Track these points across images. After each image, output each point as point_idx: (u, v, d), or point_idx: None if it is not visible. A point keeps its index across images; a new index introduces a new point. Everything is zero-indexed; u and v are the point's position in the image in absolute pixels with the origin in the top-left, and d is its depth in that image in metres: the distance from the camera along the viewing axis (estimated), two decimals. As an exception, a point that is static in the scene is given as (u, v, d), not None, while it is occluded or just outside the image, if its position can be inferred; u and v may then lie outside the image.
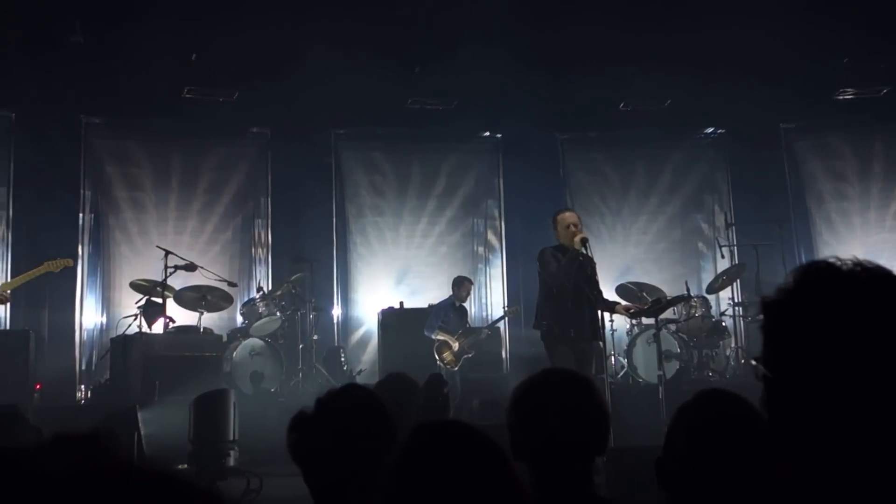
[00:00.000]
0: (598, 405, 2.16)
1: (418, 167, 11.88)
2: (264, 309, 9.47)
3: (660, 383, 6.94)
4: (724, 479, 1.73)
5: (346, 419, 2.16)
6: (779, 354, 1.10)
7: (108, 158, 11.05)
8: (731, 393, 1.96)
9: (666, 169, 12.03)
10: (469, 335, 10.09)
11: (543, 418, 2.09)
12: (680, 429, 1.88)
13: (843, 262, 1.13)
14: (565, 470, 2.06)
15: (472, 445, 1.49)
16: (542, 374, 2.28)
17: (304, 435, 2.20)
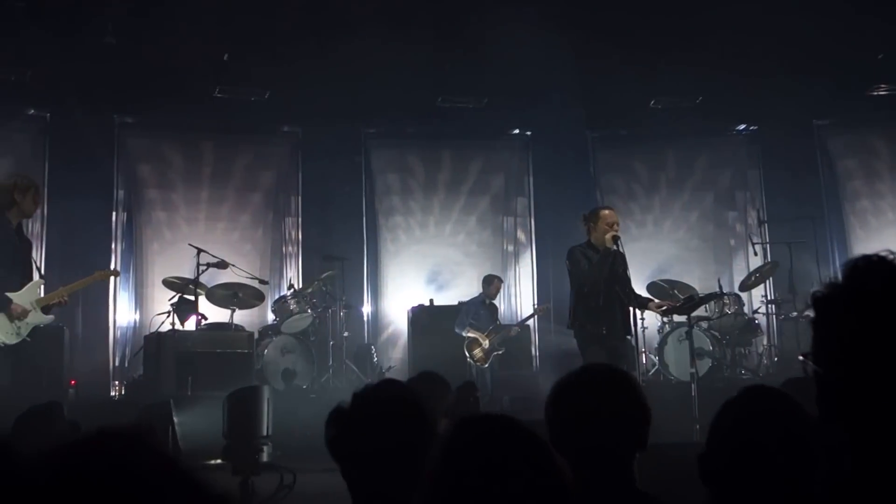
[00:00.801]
0: (639, 401, 2.15)
1: (448, 165, 11.89)
2: (295, 306, 9.52)
3: (692, 381, 6.89)
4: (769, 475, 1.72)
5: (384, 413, 2.16)
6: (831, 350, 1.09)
7: (141, 158, 11.18)
8: (777, 389, 1.94)
9: (697, 166, 11.93)
10: (499, 332, 10.09)
11: (584, 413, 2.08)
12: (725, 425, 1.86)
13: (895, 256, 1.12)
14: (606, 465, 2.05)
15: (517, 438, 1.48)
16: (583, 370, 2.28)
17: (342, 430, 2.21)
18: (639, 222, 11.71)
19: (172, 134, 11.28)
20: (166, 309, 9.13)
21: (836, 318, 1.11)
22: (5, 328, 6.25)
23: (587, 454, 2.02)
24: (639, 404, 2.14)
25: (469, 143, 12.01)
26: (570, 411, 2.11)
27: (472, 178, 11.91)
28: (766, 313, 10.37)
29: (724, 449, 1.81)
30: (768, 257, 10.63)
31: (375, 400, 2.20)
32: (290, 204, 11.56)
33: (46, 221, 10.51)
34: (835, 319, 1.11)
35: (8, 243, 6.40)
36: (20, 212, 6.52)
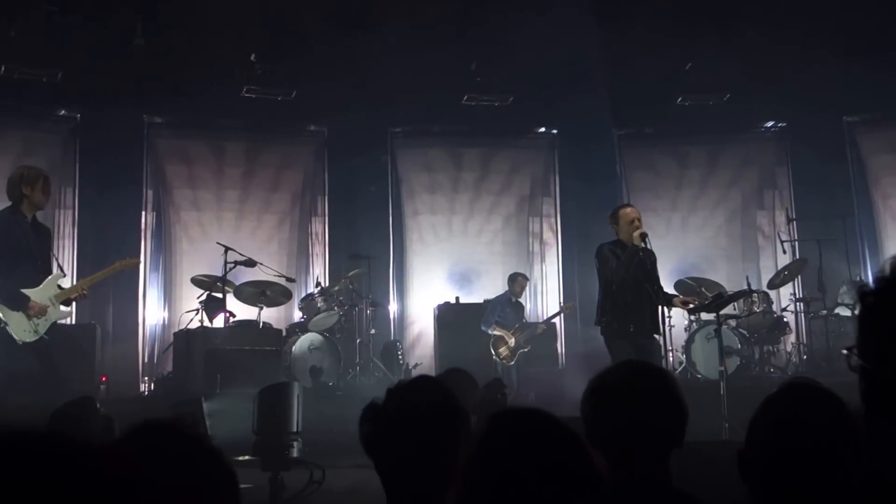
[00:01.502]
0: (675, 397, 2.14)
1: (474, 163, 11.90)
2: (322, 304, 9.57)
3: (721, 379, 6.85)
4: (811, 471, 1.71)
5: (419, 409, 2.18)
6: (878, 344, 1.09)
7: (170, 157, 11.29)
8: (818, 385, 1.92)
9: (725, 164, 11.85)
10: (525, 330, 10.08)
11: (621, 409, 2.08)
12: (765, 421, 1.85)
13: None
14: (642, 461, 2.05)
15: (552, 432, 1.49)
16: (619, 366, 2.28)
17: (376, 426, 2.22)
18: (666, 220, 11.65)
19: (200, 133, 11.39)
20: (195, 306, 9.23)
21: (883, 312, 1.11)
22: (23, 326, 6.12)
23: (624, 451, 2.02)
24: (675, 401, 2.14)
25: (495, 141, 12.01)
26: (606, 408, 2.11)
27: (498, 177, 11.91)
28: (794, 311, 10.28)
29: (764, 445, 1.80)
30: (797, 255, 10.54)
31: (410, 396, 2.21)
32: (316, 203, 11.63)
33: (78, 220, 10.65)
34: (882, 313, 1.11)
35: (23, 238, 6.27)
36: (31, 204, 6.31)
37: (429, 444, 2.12)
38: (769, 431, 1.81)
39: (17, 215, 6.26)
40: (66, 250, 10.50)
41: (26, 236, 6.28)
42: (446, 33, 9.92)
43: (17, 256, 6.20)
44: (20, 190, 6.27)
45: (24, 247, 6.25)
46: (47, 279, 6.36)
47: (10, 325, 6.04)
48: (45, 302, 6.22)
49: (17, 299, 6.07)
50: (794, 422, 1.79)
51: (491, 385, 4.63)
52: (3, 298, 6.06)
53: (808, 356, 9.78)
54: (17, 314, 6.08)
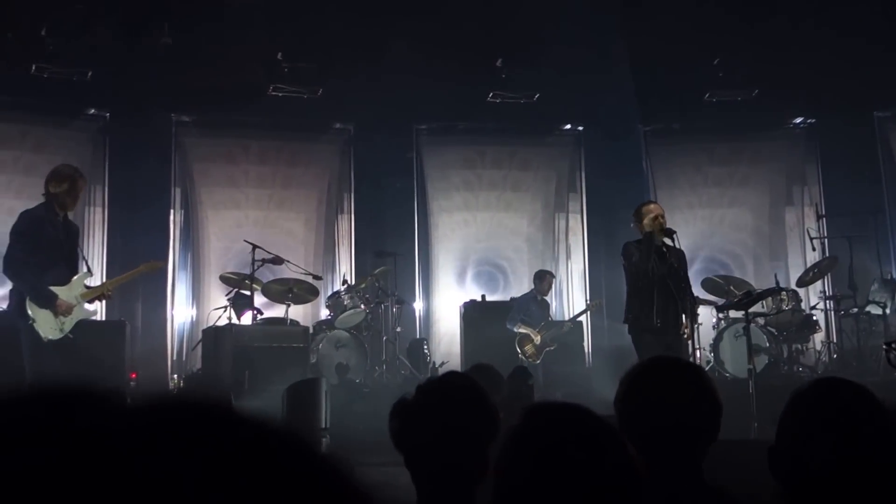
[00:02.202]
0: (710, 393, 2.13)
1: (499, 161, 11.88)
2: (349, 301, 9.61)
3: (750, 377, 6.81)
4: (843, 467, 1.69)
5: (448, 405, 2.18)
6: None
7: (197, 156, 11.38)
8: (850, 381, 1.90)
9: (753, 160, 11.74)
10: (551, 328, 10.05)
11: (655, 404, 2.08)
12: (796, 417, 1.83)
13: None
14: (676, 457, 2.05)
15: (587, 425, 1.49)
16: (653, 361, 2.26)
17: (406, 422, 2.23)
18: (693, 218, 11.56)
19: (228, 132, 11.47)
20: (223, 304, 9.30)
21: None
22: (50, 323, 6.16)
23: (654, 444, 2.01)
24: (710, 397, 2.12)
25: (520, 138, 11.98)
26: (640, 404, 2.10)
27: (524, 174, 11.89)
28: (824, 309, 10.17)
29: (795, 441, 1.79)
30: (826, 252, 10.43)
31: (440, 391, 2.22)
32: (342, 200, 11.67)
33: (107, 219, 10.77)
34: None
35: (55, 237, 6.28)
36: (58, 204, 6.29)
37: (459, 440, 2.13)
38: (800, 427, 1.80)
39: (50, 212, 6.31)
40: (96, 248, 10.63)
41: (58, 235, 6.33)
42: (472, 30, 9.92)
43: (49, 255, 6.25)
44: (48, 187, 6.31)
45: (55, 245, 6.30)
46: (75, 278, 6.40)
47: (38, 322, 6.10)
48: (71, 300, 6.26)
49: (46, 297, 6.13)
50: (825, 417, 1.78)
51: (515, 375, 4.59)
52: (32, 296, 6.12)
53: (838, 355, 9.68)
54: (44, 312, 6.13)
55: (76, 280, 6.39)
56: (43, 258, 6.21)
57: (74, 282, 6.37)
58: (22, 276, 6.16)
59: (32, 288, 6.13)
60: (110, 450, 0.46)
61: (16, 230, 6.23)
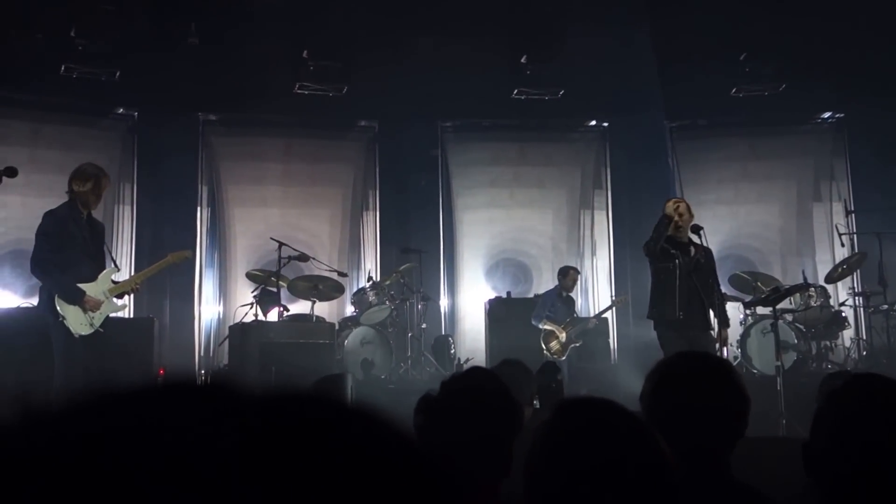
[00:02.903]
0: (738, 388, 2.12)
1: (524, 157, 11.86)
2: (374, 298, 9.65)
3: (778, 374, 6.75)
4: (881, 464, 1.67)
5: (472, 401, 2.19)
6: None
7: (224, 154, 11.47)
8: (886, 377, 1.88)
9: (780, 155, 11.62)
10: (576, 325, 10.02)
11: (683, 399, 2.07)
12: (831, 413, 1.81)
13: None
14: (704, 454, 2.04)
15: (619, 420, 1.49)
16: (681, 356, 2.26)
17: (430, 417, 2.24)
18: (719, 214, 11.45)
19: (254, 130, 11.55)
20: (250, 301, 9.38)
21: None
22: (80, 319, 6.25)
23: (685, 444, 2.01)
24: (738, 392, 2.11)
25: (545, 134, 11.96)
26: (667, 400, 2.09)
27: (549, 170, 11.87)
28: (853, 306, 10.06)
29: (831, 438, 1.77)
30: (855, 248, 10.31)
31: (463, 388, 2.23)
32: (367, 197, 11.72)
33: (136, 216, 10.89)
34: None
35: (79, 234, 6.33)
36: (81, 202, 6.34)
37: (483, 435, 2.14)
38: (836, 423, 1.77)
39: (74, 211, 6.38)
40: (125, 245, 10.76)
41: (82, 232, 6.41)
42: (496, 27, 9.91)
43: (74, 253, 6.33)
44: (72, 186, 6.38)
45: (80, 243, 6.38)
46: (102, 274, 6.48)
47: (68, 318, 6.19)
48: (99, 296, 6.34)
49: (74, 293, 6.22)
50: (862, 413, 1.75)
51: (544, 371, 4.59)
52: (60, 293, 6.22)
53: (867, 352, 9.57)
54: (73, 308, 6.22)
55: (103, 276, 6.47)
56: (68, 256, 6.29)
57: (101, 278, 6.45)
58: (49, 275, 6.26)
59: (60, 285, 6.22)
60: None
61: (41, 231, 6.33)
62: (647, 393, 2.16)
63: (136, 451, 0.46)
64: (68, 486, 0.44)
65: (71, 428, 0.48)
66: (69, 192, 6.38)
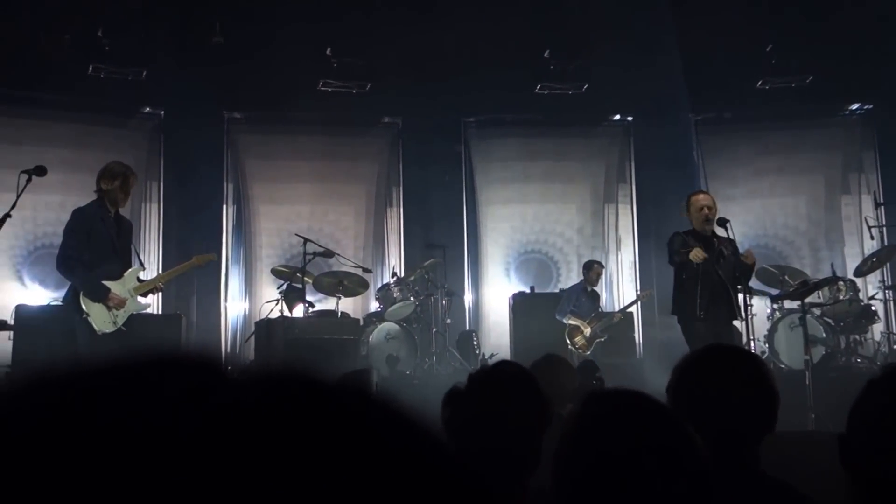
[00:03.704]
0: (767, 382, 2.10)
1: (548, 152, 11.83)
2: (398, 294, 9.68)
3: (806, 368, 6.69)
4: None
5: (500, 394, 2.19)
6: None
7: (249, 152, 11.55)
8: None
9: (808, 148, 11.50)
10: (601, 319, 9.99)
11: (711, 394, 2.06)
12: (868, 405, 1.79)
13: None
14: (732, 448, 2.03)
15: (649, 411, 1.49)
16: (709, 349, 2.24)
17: (457, 410, 2.24)
18: (746, 208, 11.36)
19: (278, 128, 11.62)
20: (275, 297, 9.44)
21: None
22: (103, 317, 6.30)
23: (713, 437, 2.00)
24: (767, 386, 2.10)
25: (569, 129, 11.92)
26: (695, 393, 2.08)
27: (573, 165, 11.83)
28: (883, 299, 9.93)
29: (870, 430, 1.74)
30: (885, 241, 10.18)
31: (492, 380, 2.23)
32: (391, 194, 11.75)
33: (162, 214, 11.00)
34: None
35: (106, 232, 6.38)
36: (109, 200, 6.39)
37: (510, 428, 2.14)
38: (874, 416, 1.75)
39: (102, 209, 6.44)
40: (152, 242, 10.87)
41: (109, 231, 6.47)
42: (519, 22, 9.89)
43: (101, 251, 6.38)
44: (100, 184, 6.45)
45: (107, 241, 6.43)
46: (127, 272, 6.54)
47: (92, 315, 6.24)
48: (124, 294, 6.39)
49: (98, 291, 6.27)
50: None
51: (584, 369, 4.58)
52: (85, 290, 6.27)
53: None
54: (97, 305, 6.27)
55: (129, 274, 6.52)
56: (95, 254, 6.34)
57: (127, 276, 6.51)
58: (74, 272, 6.32)
59: (84, 282, 6.27)
60: None
61: (68, 227, 6.39)
62: (675, 385, 2.15)
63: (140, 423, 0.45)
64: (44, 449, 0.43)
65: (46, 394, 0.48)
66: (97, 191, 6.45)
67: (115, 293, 6.31)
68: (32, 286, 10.07)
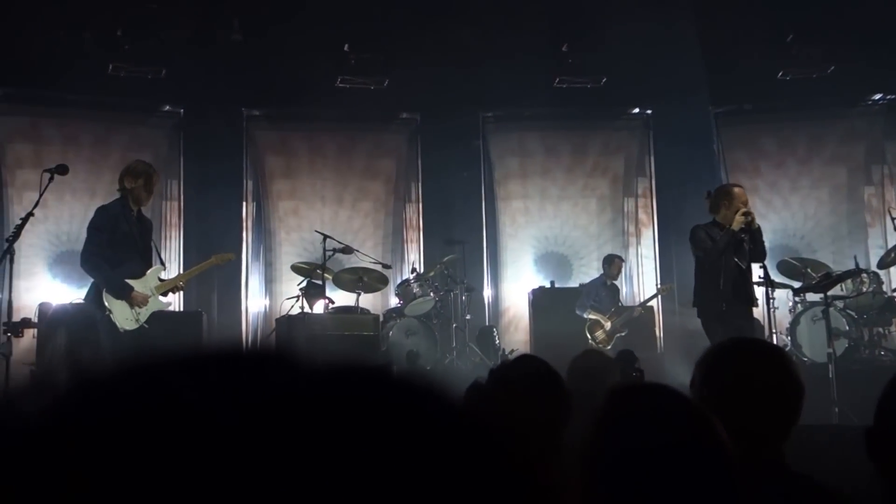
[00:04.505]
0: (792, 375, 2.08)
1: (566, 146, 11.79)
2: (418, 290, 9.68)
3: (829, 361, 6.63)
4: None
5: (522, 388, 2.19)
6: None
7: (268, 149, 11.59)
8: None
9: (829, 139, 11.38)
10: (621, 314, 9.96)
11: (735, 386, 2.04)
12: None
13: None
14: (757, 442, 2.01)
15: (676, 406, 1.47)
16: (734, 342, 2.22)
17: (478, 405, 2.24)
18: (767, 200, 11.26)
19: (297, 125, 11.66)
20: (295, 294, 9.47)
21: None
22: (126, 314, 6.35)
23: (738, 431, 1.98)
24: (792, 379, 2.08)
25: (588, 123, 11.87)
26: (720, 387, 2.06)
27: (592, 159, 11.78)
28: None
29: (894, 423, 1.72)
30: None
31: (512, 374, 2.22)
32: (410, 189, 11.75)
33: (183, 212, 11.06)
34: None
35: (130, 231, 6.46)
36: (133, 198, 6.48)
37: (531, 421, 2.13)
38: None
39: (125, 207, 6.50)
40: (173, 240, 10.93)
41: (132, 229, 6.53)
42: (537, 15, 9.84)
43: (124, 249, 6.44)
44: (123, 183, 6.52)
45: (129, 239, 6.49)
46: (149, 271, 6.60)
47: (114, 313, 6.30)
48: (147, 292, 6.46)
49: (122, 288, 6.33)
50: None
51: (622, 359, 4.52)
52: (108, 288, 6.33)
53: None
54: (120, 303, 6.33)
55: (151, 273, 6.59)
56: (118, 252, 6.40)
57: (149, 275, 6.57)
58: (98, 269, 6.37)
59: (108, 280, 6.33)
60: None
61: (92, 225, 6.45)
62: (699, 379, 2.13)
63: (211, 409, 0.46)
64: None
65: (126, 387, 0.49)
66: (121, 190, 6.50)
67: (138, 291, 6.37)
68: (55, 284, 10.16)
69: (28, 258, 9.97)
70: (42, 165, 6.51)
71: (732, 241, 6.66)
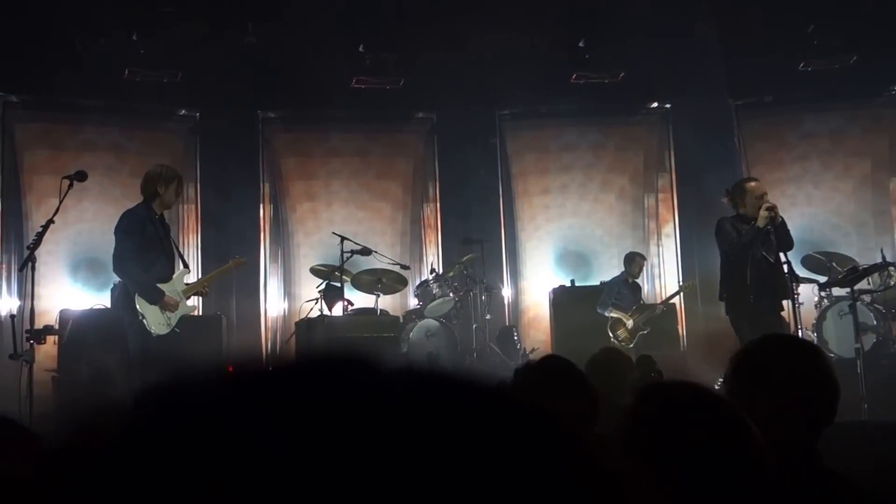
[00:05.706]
0: (825, 372, 2.01)
1: (584, 143, 11.69)
2: (437, 290, 9.62)
3: (857, 357, 6.52)
4: None
5: (547, 388, 2.12)
6: None
7: (284, 151, 11.58)
8: None
9: (852, 131, 11.21)
10: (643, 311, 9.86)
11: (769, 385, 1.97)
12: None
13: None
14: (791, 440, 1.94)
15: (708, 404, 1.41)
16: (768, 339, 2.15)
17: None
18: (789, 194, 11.09)
19: (313, 126, 11.64)
20: (314, 296, 9.43)
21: None
22: (158, 318, 6.39)
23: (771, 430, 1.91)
24: (827, 378, 2.00)
25: (606, 118, 11.76)
26: (753, 384, 1.99)
27: (610, 155, 11.67)
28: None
29: None
30: (937, 224, 9.90)
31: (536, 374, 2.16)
32: (427, 189, 11.70)
33: (200, 215, 11.07)
34: None
35: (156, 234, 6.52)
36: (162, 202, 6.59)
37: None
38: None
39: (150, 211, 6.53)
40: (191, 244, 10.93)
41: (158, 232, 6.57)
42: (553, 10, 9.76)
43: (153, 252, 6.49)
44: (155, 188, 6.55)
45: (157, 243, 6.53)
46: (175, 274, 6.65)
47: (147, 317, 6.32)
48: (175, 296, 6.48)
49: (155, 293, 6.36)
50: None
51: (642, 363, 4.49)
52: (141, 292, 6.35)
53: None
54: (152, 307, 6.37)
55: (177, 276, 6.63)
56: (149, 256, 6.44)
57: (176, 278, 6.61)
58: (131, 273, 6.41)
59: (141, 284, 6.35)
60: None
61: (122, 229, 6.48)
62: (730, 376, 2.06)
63: None
64: None
65: None
66: (149, 194, 6.54)
67: (169, 295, 6.40)
68: (76, 290, 10.18)
69: (48, 265, 9.98)
70: (59, 172, 6.54)
71: (758, 235, 6.57)
